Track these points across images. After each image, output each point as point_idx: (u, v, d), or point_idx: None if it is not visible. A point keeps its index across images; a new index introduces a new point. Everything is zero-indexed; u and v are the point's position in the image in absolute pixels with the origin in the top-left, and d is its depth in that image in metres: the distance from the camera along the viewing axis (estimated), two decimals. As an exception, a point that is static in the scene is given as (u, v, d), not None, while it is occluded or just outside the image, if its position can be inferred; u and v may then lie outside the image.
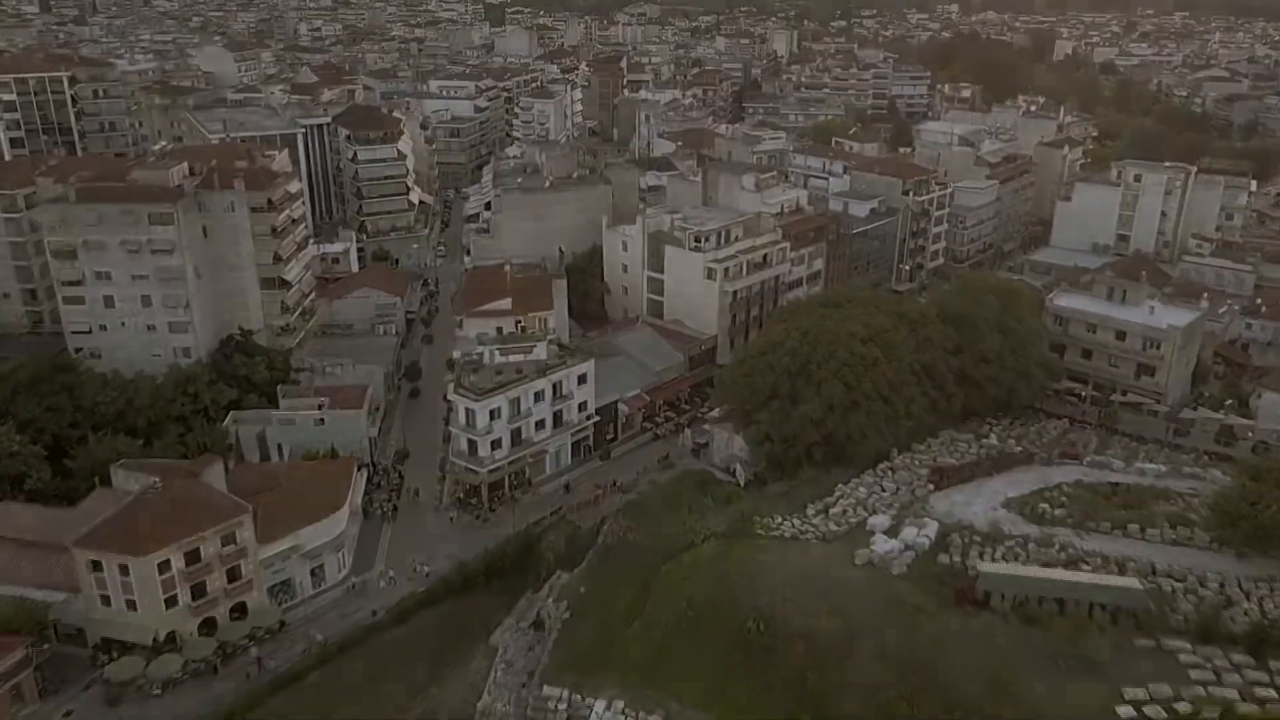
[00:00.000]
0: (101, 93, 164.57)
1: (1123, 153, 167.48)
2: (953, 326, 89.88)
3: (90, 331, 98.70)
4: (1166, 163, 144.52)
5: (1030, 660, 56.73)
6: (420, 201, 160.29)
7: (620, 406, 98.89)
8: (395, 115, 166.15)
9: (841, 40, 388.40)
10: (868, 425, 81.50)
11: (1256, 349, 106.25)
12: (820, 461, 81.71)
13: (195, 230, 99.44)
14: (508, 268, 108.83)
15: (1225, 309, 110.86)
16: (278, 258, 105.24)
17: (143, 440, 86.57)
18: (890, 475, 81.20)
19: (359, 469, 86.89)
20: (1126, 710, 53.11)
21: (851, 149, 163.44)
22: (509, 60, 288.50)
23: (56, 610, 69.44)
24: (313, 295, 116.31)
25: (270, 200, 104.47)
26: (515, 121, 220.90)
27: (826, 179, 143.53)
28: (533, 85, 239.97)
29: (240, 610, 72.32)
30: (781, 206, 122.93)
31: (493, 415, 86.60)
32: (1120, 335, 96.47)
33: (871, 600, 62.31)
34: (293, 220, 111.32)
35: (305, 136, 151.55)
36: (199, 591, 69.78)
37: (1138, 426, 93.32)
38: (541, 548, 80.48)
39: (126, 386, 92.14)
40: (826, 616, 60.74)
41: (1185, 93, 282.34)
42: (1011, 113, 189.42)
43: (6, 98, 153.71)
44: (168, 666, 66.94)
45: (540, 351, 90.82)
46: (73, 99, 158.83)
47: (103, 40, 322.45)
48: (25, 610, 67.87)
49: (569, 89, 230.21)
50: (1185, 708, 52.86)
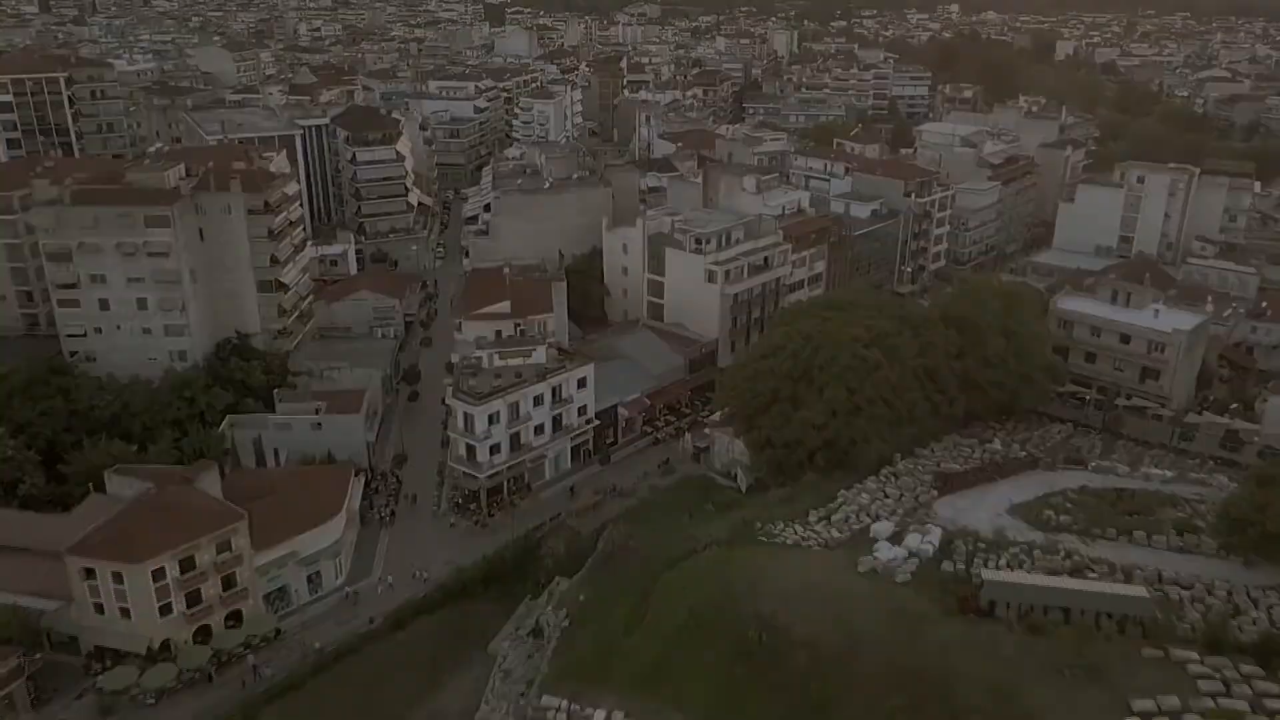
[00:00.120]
0: (99, 93, 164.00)
1: (1124, 154, 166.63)
2: (955, 330, 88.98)
3: (85, 335, 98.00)
4: (1170, 164, 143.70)
5: (1036, 670, 55.74)
6: (419, 203, 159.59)
7: (620, 410, 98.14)
8: (394, 116, 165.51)
9: (842, 40, 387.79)
10: (870, 430, 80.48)
11: (1261, 352, 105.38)
12: (822, 467, 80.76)
13: (192, 233, 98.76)
14: (507, 270, 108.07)
15: (1229, 312, 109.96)
16: (275, 260, 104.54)
17: (138, 445, 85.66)
18: (893, 481, 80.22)
19: (356, 474, 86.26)
20: (1134, 722, 52.23)
21: (853, 150, 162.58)
22: (509, 61, 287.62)
23: (49, 618, 68.77)
24: (310, 298, 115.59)
25: (267, 202, 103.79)
26: (515, 122, 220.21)
27: (828, 180, 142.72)
28: (532, 86, 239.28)
29: (236, 618, 71.66)
30: (782, 208, 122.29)
31: (491, 420, 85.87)
32: (1125, 339, 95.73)
33: (875, 609, 61.37)
34: (290, 222, 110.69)
35: (304, 137, 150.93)
36: (194, 599, 69.15)
37: (1142, 431, 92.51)
38: (541, 554, 79.76)
39: (122, 390, 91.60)
40: (829, 626, 59.87)
41: (1187, 93, 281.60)
42: (1013, 113, 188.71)
43: (3, 98, 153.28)
44: (162, 676, 66.28)
45: (539, 355, 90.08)
46: (70, 99, 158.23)
47: (102, 40, 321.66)
48: (17, 618, 67.28)
49: (569, 89, 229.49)
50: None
